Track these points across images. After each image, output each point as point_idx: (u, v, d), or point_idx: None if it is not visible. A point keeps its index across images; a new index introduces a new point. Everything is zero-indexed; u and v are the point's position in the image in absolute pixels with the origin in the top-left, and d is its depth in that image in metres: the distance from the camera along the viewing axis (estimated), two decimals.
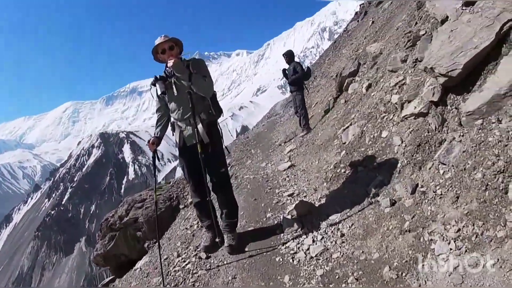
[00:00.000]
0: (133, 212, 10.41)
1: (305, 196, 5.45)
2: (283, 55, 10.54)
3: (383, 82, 6.67)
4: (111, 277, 10.82)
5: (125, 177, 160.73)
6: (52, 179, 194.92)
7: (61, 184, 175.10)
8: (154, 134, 4.49)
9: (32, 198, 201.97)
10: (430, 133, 4.22)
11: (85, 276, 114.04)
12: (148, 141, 4.33)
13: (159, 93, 4.08)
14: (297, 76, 9.79)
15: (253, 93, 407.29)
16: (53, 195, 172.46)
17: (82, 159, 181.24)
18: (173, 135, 4.45)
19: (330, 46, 27.51)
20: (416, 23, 7.13)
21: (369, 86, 7.43)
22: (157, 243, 7.31)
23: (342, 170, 5.36)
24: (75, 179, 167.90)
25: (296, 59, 10.48)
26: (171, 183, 12.01)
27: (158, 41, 4.08)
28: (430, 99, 4.39)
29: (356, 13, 26.32)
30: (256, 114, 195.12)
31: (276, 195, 5.87)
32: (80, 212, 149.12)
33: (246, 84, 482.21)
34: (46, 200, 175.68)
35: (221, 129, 4.49)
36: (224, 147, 4.53)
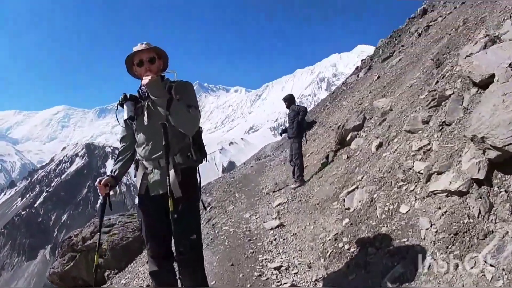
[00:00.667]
0: (98, 235, 8.78)
1: (295, 274, 4.34)
2: (283, 99, 9.72)
3: (398, 143, 5.78)
4: None
5: None
6: (30, 179, 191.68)
7: (38, 186, 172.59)
8: (111, 171, 3.39)
9: (5, 194, 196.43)
10: (471, 220, 3.16)
11: (43, 285, 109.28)
12: (99, 181, 3.27)
13: (125, 117, 3.08)
14: (300, 120, 8.98)
15: (245, 130, 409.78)
16: (27, 195, 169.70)
17: (63, 166, 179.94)
18: (135, 176, 3.27)
19: (328, 96, 27.33)
20: (437, 81, 6.41)
21: (380, 145, 6.54)
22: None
23: (346, 246, 4.24)
24: (52, 184, 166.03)
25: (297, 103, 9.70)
26: None
27: (136, 48, 3.08)
28: (473, 175, 3.38)
29: (357, 68, 26.42)
30: (245, 152, 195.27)
31: (259, 263, 4.79)
32: (51, 219, 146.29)
33: (240, 120, 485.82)
34: (19, 199, 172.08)
35: (200, 177, 3.37)
36: (201, 203, 3.40)
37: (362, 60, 26.84)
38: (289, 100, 9.47)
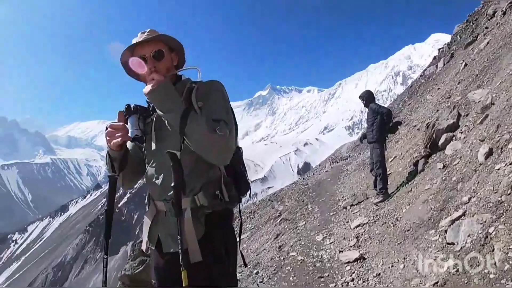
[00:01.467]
0: None
1: None
2: (360, 97, 8.24)
3: None
4: None
5: None
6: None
7: (121, 188, 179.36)
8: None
9: (91, 195, 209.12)
10: None
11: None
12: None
13: (130, 137, 1.94)
14: (381, 122, 7.61)
15: (319, 130, 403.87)
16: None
17: None
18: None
19: (405, 90, 25.03)
20: None
21: (490, 152, 4.92)
22: None
23: None
24: (135, 186, 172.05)
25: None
26: None
27: (135, 40, 2.02)
28: None
29: (435, 57, 23.92)
30: (320, 152, 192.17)
31: None
32: (133, 218, 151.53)
33: (314, 121, 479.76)
34: (104, 199, 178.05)
35: (241, 219, 2.34)
36: (241, 259, 2.22)
37: (439, 49, 24.37)
38: (367, 97, 8.04)
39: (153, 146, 2.08)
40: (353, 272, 4.61)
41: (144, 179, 2.22)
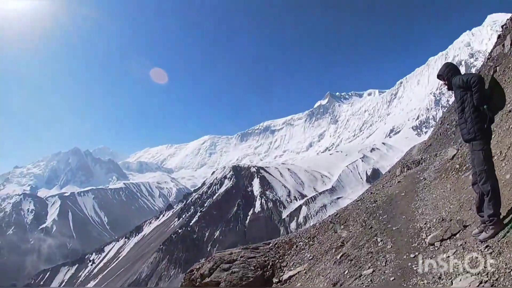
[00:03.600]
0: (217, 273, 9.39)
1: None
2: (438, 76, 5.51)
3: None
4: None
5: (252, 209, 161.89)
6: (185, 201, 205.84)
7: (192, 207, 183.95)
8: None
9: (163, 216, 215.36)
10: None
11: None
12: None
13: None
14: (478, 102, 4.94)
15: (385, 134, 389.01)
16: (183, 215, 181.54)
17: (214, 188, 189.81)
18: None
19: None
20: None
21: None
22: None
23: None
24: (205, 205, 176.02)
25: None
26: (270, 244, 10.58)
27: None
28: None
29: (499, 36, 20.56)
30: (388, 157, 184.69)
31: None
32: (204, 235, 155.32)
33: (378, 124, 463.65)
34: (176, 219, 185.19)
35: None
36: None
37: (502, 26, 21.14)
38: (449, 72, 5.35)
39: None
40: None
41: None
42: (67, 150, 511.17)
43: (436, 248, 5.24)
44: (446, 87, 5.38)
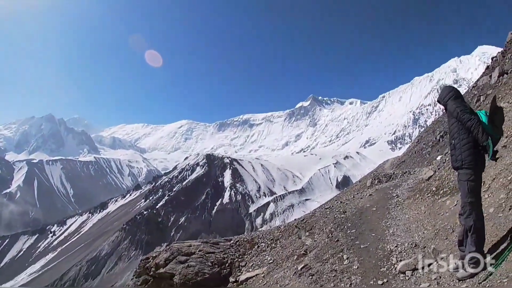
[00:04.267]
0: (173, 265, 9.06)
1: None
2: (439, 100, 5.15)
3: None
4: None
5: (220, 199, 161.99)
6: (154, 183, 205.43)
7: (160, 190, 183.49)
8: None
9: (130, 195, 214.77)
10: None
11: None
12: None
13: None
14: (476, 133, 4.50)
15: (361, 144, 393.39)
16: (151, 197, 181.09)
17: (185, 173, 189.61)
18: None
19: None
20: None
21: None
22: None
23: None
24: (174, 189, 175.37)
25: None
26: (232, 241, 10.32)
27: None
28: None
29: (488, 67, 21.29)
30: (361, 166, 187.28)
31: None
32: (169, 220, 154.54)
33: (355, 134, 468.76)
34: (143, 200, 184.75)
35: None
36: None
37: (493, 58, 21.71)
38: (447, 96, 4.97)
39: None
40: None
41: None
42: (41, 116, 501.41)
43: (407, 278, 4.80)
44: (446, 112, 5.01)
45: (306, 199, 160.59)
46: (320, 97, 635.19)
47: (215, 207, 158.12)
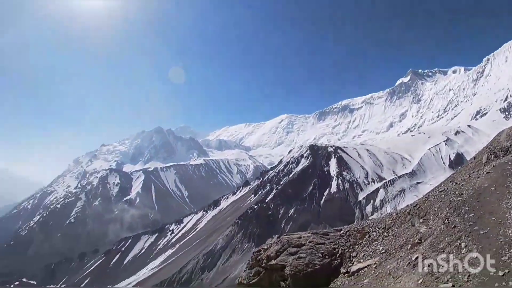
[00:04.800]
0: (283, 257, 9.20)
1: None
2: None
3: None
4: None
5: (327, 189, 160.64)
6: (261, 178, 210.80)
7: (268, 184, 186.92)
8: None
9: (240, 191, 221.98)
10: None
11: None
12: None
13: None
14: None
15: (471, 116, 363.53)
16: (259, 192, 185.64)
17: (290, 166, 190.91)
18: None
19: None
20: None
21: None
22: None
23: None
24: (281, 183, 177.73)
25: None
26: (342, 231, 10.07)
27: None
28: None
29: None
30: (474, 141, 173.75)
31: None
32: (279, 213, 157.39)
33: (464, 105, 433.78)
34: (252, 195, 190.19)
35: None
36: None
37: None
38: None
39: None
40: None
41: None
42: (150, 129, 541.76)
43: None
44: None
45: (418, 182, 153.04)
46: (420, 70, 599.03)
47: (323, 197, 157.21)
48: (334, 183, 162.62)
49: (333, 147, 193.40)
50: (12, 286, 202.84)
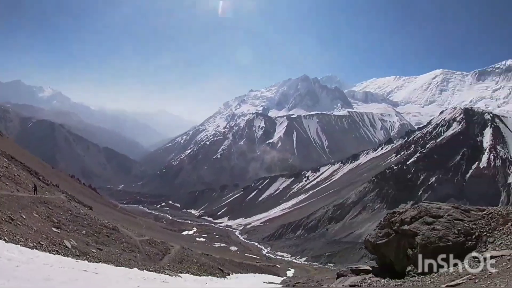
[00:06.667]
0: (418, 224, 9.00)
1: None
2: None
3: None
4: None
5: (477, 162, 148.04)
6: (406, 138, 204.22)
7: (413, 146, 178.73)
8: None
9: (382, 149, 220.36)
10: None
11: None
12: None
13: None
14: None
15: None
16: (402, 153, 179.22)
17: (440, 129, 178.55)
18: None
19: None
20: None
21: None
22: None
23: None
24: (427, 146, 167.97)
25: None
26: (484, 212, 9.52)
27: None
28: None
29: None
30: None
31: None
32: (419, 179, 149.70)
33: None
34: (394, 155, 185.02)
35: None
36: None
37: None
38: None
39: None
40: None
41: None
42: (296, 77, 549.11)
43: None
44: None
45: None
46: None
47: (470, 171, 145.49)
48: (485, 157, 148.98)
49: (491, 115, 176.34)
50: (159, 206, 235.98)
